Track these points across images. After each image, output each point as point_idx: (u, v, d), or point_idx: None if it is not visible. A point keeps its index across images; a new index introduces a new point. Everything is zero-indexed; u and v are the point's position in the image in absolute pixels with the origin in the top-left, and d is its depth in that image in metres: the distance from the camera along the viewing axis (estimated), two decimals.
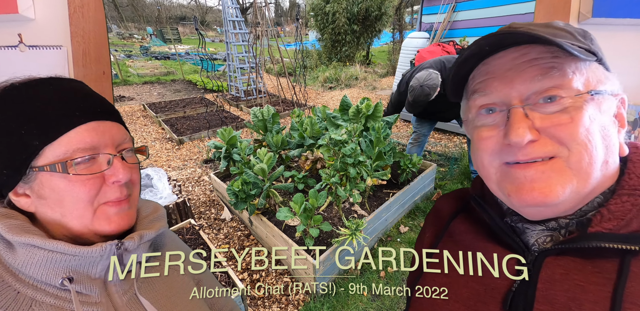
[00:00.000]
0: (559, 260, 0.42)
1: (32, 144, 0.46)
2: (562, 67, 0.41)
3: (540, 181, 0.41)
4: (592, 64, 0.43)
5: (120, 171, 0.50)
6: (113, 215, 0.51)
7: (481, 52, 0.45)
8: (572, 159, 0.40)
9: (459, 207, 0.60)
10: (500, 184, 0.45)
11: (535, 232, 0.46)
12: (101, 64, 0.96)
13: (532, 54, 0.42)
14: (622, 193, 0.41)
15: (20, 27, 0.91)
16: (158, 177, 2.89)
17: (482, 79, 0.46)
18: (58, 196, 0.47)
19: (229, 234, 2.63)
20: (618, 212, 0.40)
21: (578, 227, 0.44)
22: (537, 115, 0.41)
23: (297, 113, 3.11)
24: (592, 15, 0.95)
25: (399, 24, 11.44)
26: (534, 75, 0.41)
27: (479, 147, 0.46)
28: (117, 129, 0.53)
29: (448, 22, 5.60)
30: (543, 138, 0.41)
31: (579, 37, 0.43)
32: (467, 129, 0.51)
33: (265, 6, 6.65)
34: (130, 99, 7.83)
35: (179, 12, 29.24)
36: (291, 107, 6.46)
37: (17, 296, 0.44)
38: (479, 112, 0.47)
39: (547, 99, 0.41)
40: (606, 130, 0.42)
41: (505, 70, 0.44)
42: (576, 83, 0.41)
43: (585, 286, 0.39)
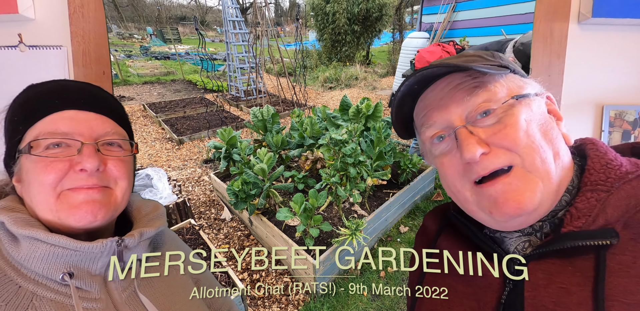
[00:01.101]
0: (540, 264, 0.44)
1: (19, 129, 0.50)
2: (483, 85, 0.46)
3: (510, 191, 0.43)
4: (509, 76, 0.48)
5: (88, 159, 0.49)
6: (79, 203, 0.49)
7: (412, 91, 0.50)
8: (527, 163, 0.42)
9: (443, 223, 0.62)
10: (479, 205, 0.47)
11: (512, 239, 0.48)
12: (101, 64, 0.97)
13: (456, 81, 0.48)
14: (585, 190, 0.43)
15: (20, 27, 0.91)
16: (158, 177, 2.89)
17: (423, 113, 0.51)
18: (27, 178, 0.49)
19: (229, 234, 2.63)
20: (585, 209, 0.42)
21: (551, 228, 0.45)
22: (480, 130, 0.45)
23: (297, 113, 3.11)
24: (592, 15, 0.95)
25: (399, 24, 11.44)
26: (463, 97, 0.46)
27: (445, 174, 0.49)
28: (101, 121, 0.54)
29: (448, 22, 5.60)
30: (494, 149, 0.44)
31: (488, 58, 0.49)
32: (429, 160, 0.54)
33: (265, 6, 6.66)
34: (130, 99, 7.81)
35: (179, 12, 29.22)
36: (291, 107, 6.46)
37: (19, 291, 0.45)
38: (432, 142, 0.51)
39: (483, 114, 0.45)
40: (544, 126, 0.45)
41: (438, 99, 0.48)
42: (500, 94, 0.46)
43: (568, 288, 0.40)
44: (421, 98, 0.52)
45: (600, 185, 0.42)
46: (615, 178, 0.42)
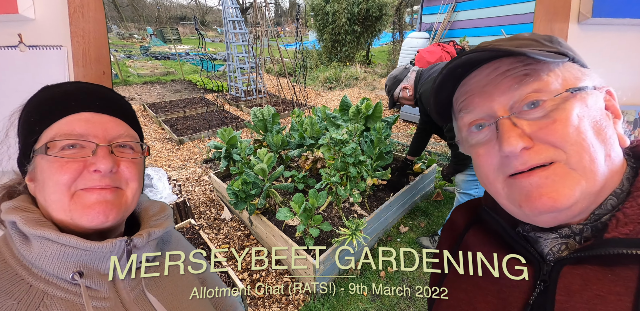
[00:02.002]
0: (576, 269, 0.41)
1: (35, 130, 0.51)
2: (535, 73, 0.42)
3: (546, 186, 0.40)
4: (566, 64, 0.44)
5: (102, 161, 0.50)
6: (92, 203, 0.50)
7: (454, 74, 0.47)
8: (572, 161, 0.39)
9: (472, 218, 0.59)
10: (509, 197, 0.44)
11: (548, 241, 0.45)
12: (101, 64, 0.97)
13: (504, 67, 0.44)
14: (636, 196, 0.40)
15: (20, 27, 0.91)
16: (158, 177, 2.89)
17: (463, 98, 0.47)
18: (42, 178, 0.50)
19: (229, 234, 2.63)
20: (634, 215, 0.39)
21: (593, 232, 0.42)
22: (525, 122, 0.41)
23: (297, 113, 3.11)
24: (592, 15, 0.95)
25: (399, 24, 11.44)
26: (511, 85, 0.43)
27: (480, 165, 0.47)
28: (115, 123, 0.55)
29: (448, 22, 5.60)
30: (537, 145, 0.41)
31: (545, 43, 0.45)
32: (464, 149, 0.51)
33: (265, 6, 6.66)
34: (130, 99, 7.82)
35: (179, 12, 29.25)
36: (291, 107, 6.46)
37: (30, 290, 0.46)
38: (469, 130, 0.48)
39: (531, 105, 0.42)
40: (599, 124, 0.41)
41: (482, 86, 0.45)
42: (553, 84, 0.42)
43: (605, 297, 0.38)
44: (463, 82, 0.48)
45: None
46: None
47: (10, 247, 0.48)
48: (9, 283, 0.45)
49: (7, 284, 0.45)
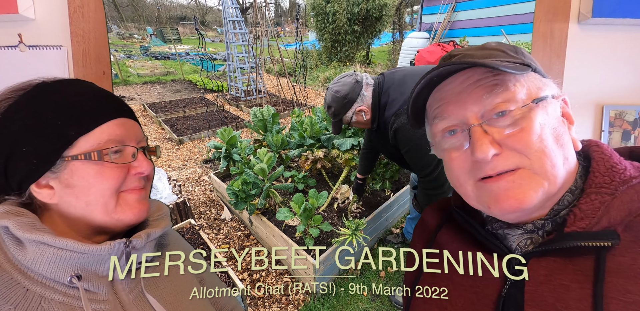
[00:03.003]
0: (541, 261, 0.45)
1: (68, 134, 0.49)
2: (503, 83, 0.46)
3: (513, 189, 0.44)
4: (529, 74, 0.48)
5: (144, 164, 0.55)
6: (134, 202, 0.54)
7: (430, 83, 0.50)
8: (535, 166, 0.43)
9: (443, 218, 0.62)
10: (479, 199, 0.48)
11: (515, 236, 0.49)
12: (101, 64, 0.97)
13: (476, 76, 0.47)
14: (590, 192, 0.44)
15: (20, 27, 0.91)
16: (158, 177, 2.89)
17: (438, 105, 0.50)
18: (87, 184, 0.50)
19: (229, 234, 2.63)
20: (589, 210, 0.43)
21: (553, 226, 0.46)
22: (495, 130, 0.45)
23: (297, 113, 3.11)
24: (592, 15, 0.95)
25: (399, 24, 11.44)
26: (482, 95, 0.46)
27: (452, 168, 0.50)
28: (138, 127, 0.58)
29: (448, 22, 5.60)
30: (505, 151, 0.44)
31: (511, 53, 0.48)
32: (437, 152, 0.55)
33: (265, 6, 6.66)
34: (130, 99, 7.82)
35: (179, 12, 29.23)
36: (291, 107, 6.46)
37: (27, 294, 0.45)
38: (443, 135, 0.51)
39: (499, 114, 0.45)
40: (557, 131, 0.45)
41: (456, 94, 0.48)
42: (520, 94, 0.45)
43: (568, 285, 0.42)
44: (437, 89, 0.51)
45: (605, 187, 0.43)
46: (620, 181, 0.43)
47: (4, 251, 0.48)
48: (4, 288, 0.44)
49: (3, 288, 0.44)
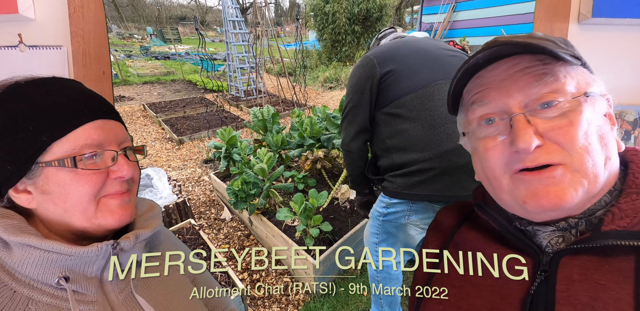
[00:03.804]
0: (575, 259, 0.43)
1: (41, 140, 0.47)
2: (554, 73, 0.43)
3: (553, 185, 0.42)
4: (579, 68, 0.45)
5: (125, 167, 0.52)
6: (116, 208, 0.52)
7: (476, 66, 0.47)
8: (576, 163, 0.41)
9: (461, 217, 0.60)
10: (513, 193, 0.45)
11: (546, 233, 0.46)
12: (101, 64, 0.96)
13: (524, 63, 0.44)
14: (630, 192, 0.43)
15: (20, 27, 0.91)
16: (158, 177, 2.89)
17: (478, 90, 0.48)
18: (63, 190, 0.48)
19: (229, 234, 2.63)
20: (629, 210, 0.41)
21: (587, 226, 0.44)
22: (539, 121, 0.42)
23: (297, 113, 3.11)
24: (592, 15, 0.95)
25: (399, 24, 11.43)
26: (529, 83, 0.43)
27: (487, 159, 0.47)
28: (120, 128, 0.55)
29: (448, 22, 5.60)
30: (547, 144, 0.42)
31: (561, 45, 0.45)
32: (470, 141, 0.52)
33: (265, 6, 6.66)
34: (130, 99, 7.82)
35: (179, 12, 29.26)
36: (291, 107, 6.46)
37: (14, 296, 0.45)
38: (479, 124, 0.48)
39: (545, 105, 0.43)
40: (602, 129, 0.43)
41: (500, 80, 0.45)
42: (569, 86, 0.43)
43: (606, 285, 0.40)
44: (478, 74, 0.48)
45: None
46: None
47: None
48: None
49: None
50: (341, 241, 2.06)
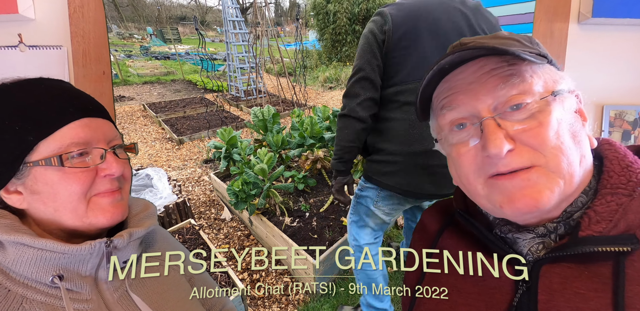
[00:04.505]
0: (554, 268, 0.42)
1: (27, 140, 0.47)
2: (520, 74, 0.42)
3: (528, 187, 0.41)
4: (545, 66, 0.44)
5: (114, 165, 0.51)
6: (107, 206, 0.51)
7: (442, 71, 0.46)
8: (551, 164, 0.40)
9: (445, 221, 0.59)
10: (489, 198, 0.44)
11: (526, 241, 0.45)
12: (101, 64, 0.97)
13: (490, 65, 0.43)
14: (605, 193, 0.41)
15: (20, 27, 0.91)
16: (158, 177, 2.89)
17: (447, 95, 0.47)
18: (52, 190, 0.48)
19: (229, 234, 2.63)
20: (605, 213, 0.40)
21: (566, 229, 0.43)
22: (509, 123, 0.42)
23: (297, 113, 3.11)
24: (592, 15, 0.95)
25: None
26: (496, 85, 0.42)
27: (460, 164, 0.46)
28: (108, 126, 0.55)
29: None
30: (519, 147, 0.41)
31: (526, 43, 0.44)
32: (443, 147, 0.51)
33: (265, 6, 6.66)
34: (130, 99, 7.82)
35: (179, 12, 29.28)
36: (291, 107, 6.46)
37: (8, 294, 0.45)
38: (451, 129, 0.47)
39: (514, 107, 0.42)
40: (574, 127, 0.42)
41: (467, 83, 0.44)
42: (537, 86, 0.42)
43: (585, 294, 0.39)
44: (446, 78, 0.47)
45: (622, 188, 0.41)
46: (637, 181, 0.41)
47: None
48: None
49: None
50: (341, 241, 2.06)
